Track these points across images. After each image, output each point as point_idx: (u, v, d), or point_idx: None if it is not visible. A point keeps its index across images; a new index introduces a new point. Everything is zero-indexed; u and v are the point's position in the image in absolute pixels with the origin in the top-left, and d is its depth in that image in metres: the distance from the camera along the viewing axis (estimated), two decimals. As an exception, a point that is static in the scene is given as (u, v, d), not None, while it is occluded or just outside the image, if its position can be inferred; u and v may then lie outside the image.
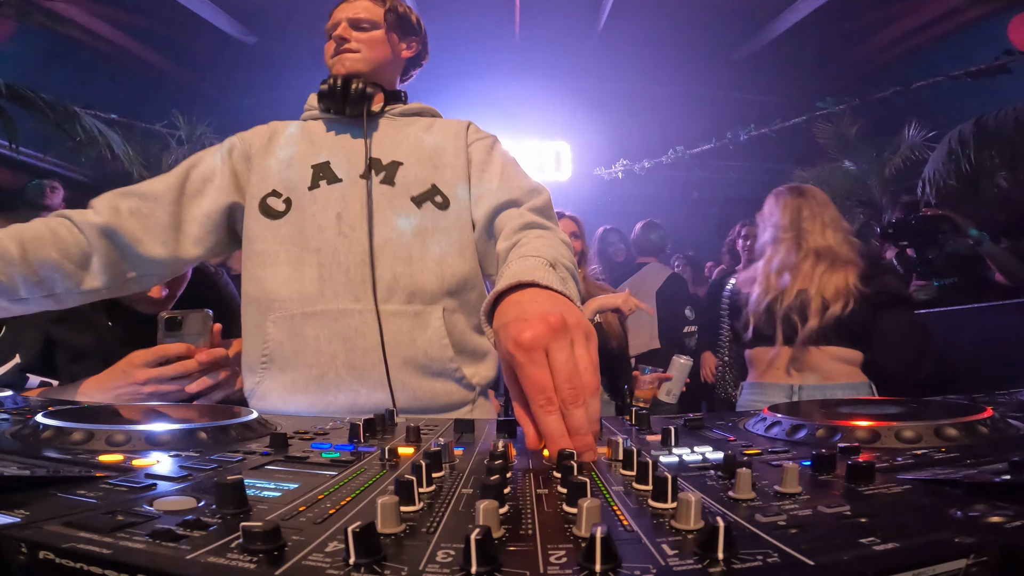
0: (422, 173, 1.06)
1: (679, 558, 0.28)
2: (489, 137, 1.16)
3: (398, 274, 0.98)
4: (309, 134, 1.11)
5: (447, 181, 1.06)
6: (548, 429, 0.52)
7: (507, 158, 1.13)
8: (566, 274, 0.79)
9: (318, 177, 1.04)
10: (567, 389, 0.53)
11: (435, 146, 1.10)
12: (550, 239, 0.93)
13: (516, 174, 1.10)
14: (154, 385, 0.95)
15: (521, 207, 1.03)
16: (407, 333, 0.97)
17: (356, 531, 0.27)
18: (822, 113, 5.34)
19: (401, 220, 1.02)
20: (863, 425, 0.53)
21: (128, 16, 5.20)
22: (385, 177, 1.04)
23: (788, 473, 0.38)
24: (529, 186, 1.07)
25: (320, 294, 0.97)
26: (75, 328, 1.16)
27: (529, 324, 0.55)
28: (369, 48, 1.11)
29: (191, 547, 0.29)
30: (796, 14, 5.50)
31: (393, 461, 0.50)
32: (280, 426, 0.69)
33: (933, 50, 5.36)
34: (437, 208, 1.04)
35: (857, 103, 5.19)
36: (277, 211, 1.03)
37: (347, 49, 1.09)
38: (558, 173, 6.72)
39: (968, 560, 0.27)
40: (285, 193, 1.04)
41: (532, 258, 0.79)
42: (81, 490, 0.38)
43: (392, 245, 1.00)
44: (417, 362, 0.97)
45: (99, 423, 0.56)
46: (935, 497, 0.35)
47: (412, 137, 1.10)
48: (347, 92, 1.07)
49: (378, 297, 0.96)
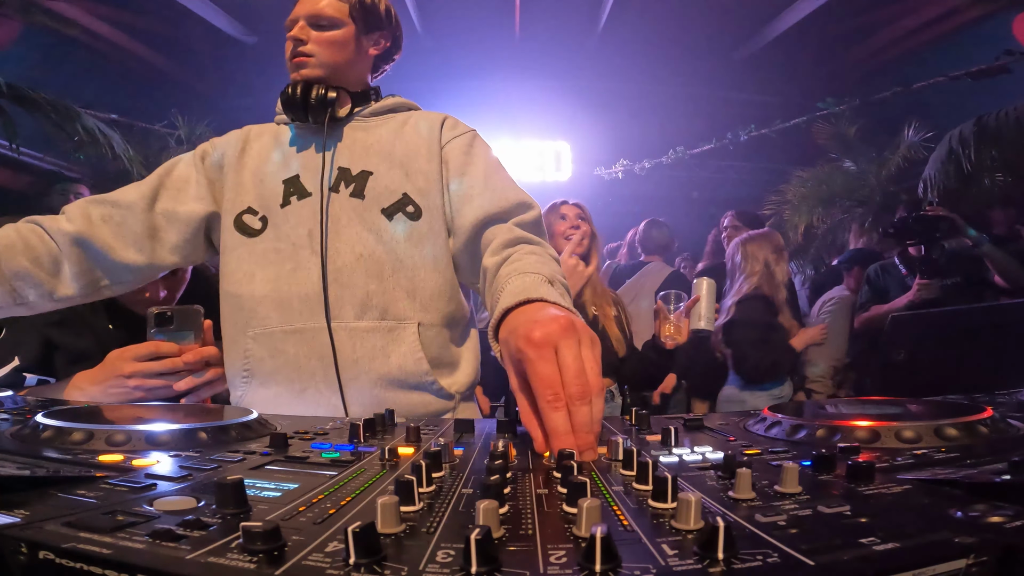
0: (393, 182, 1.01)
1: (679, 558, 0.28)
2: (466, 134, 1.08)
3: (371, 292, 0.97)
4: (281, 143, 1.07)
5: (419, 189, 1.01)
6: (553, 424, 0.53)
7: (489, 160, 1.07)
8: (563, 290, 0.82)
9: (289, 193, 1.01)
10: (575, 385, 0.54)
11: (406, 150, 1.04)
12: (542, 255, 0.92)
13: (502, 183, 1.04)
14: (139, 379, 0.95)
15: (508, 222, 0.99)
16: (381, 349, 0.96)
17: (356, 531, 0.27)
18: (822, 113, 5.33)
19: (371, 235, 0.99)
20: (863, 425, 0.53)
21: (128, 16, 5.21)
22: (355, 189, 1.01)
23: (788, 473, 0.38)
24: (517, 199, 1.02)
25: (298, 313, 0.97)
26: (74, 331, 1.16)
27: (540, 324, 0.59)
28: (327, 51, 1.03)
29: (191, 547, 0.29)
30: (796, 14, 5.50)
31: (393, 461, 0.50)
32: (280, 426, 0.69)
33: (933, 50, 5.36)
34: (409, 219, 1.00)
35: (857, 103, 5.19)
36: (254, 229, 1.01)
37: (301, 54, 1.02)
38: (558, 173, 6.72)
39: (968, 560, 0.27)
40: (261, 211, 1.01)
41: (531, 275, 0.79)
42: (81, 490, 0.38)
43: (364, 262, 0.97)
44: (392, 376, 0.96)
45: (99, 423, 0.56)
46: (935, 497, 0.35)
47: (383, 141, 1.05)
48: (307, 100, 1.01)
49: (350, 315, 0.96)
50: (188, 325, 1.00)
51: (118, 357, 0.97)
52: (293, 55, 1.03)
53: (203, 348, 1.00)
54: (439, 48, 5.70)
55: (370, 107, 1.08)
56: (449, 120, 1.09)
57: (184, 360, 0.97)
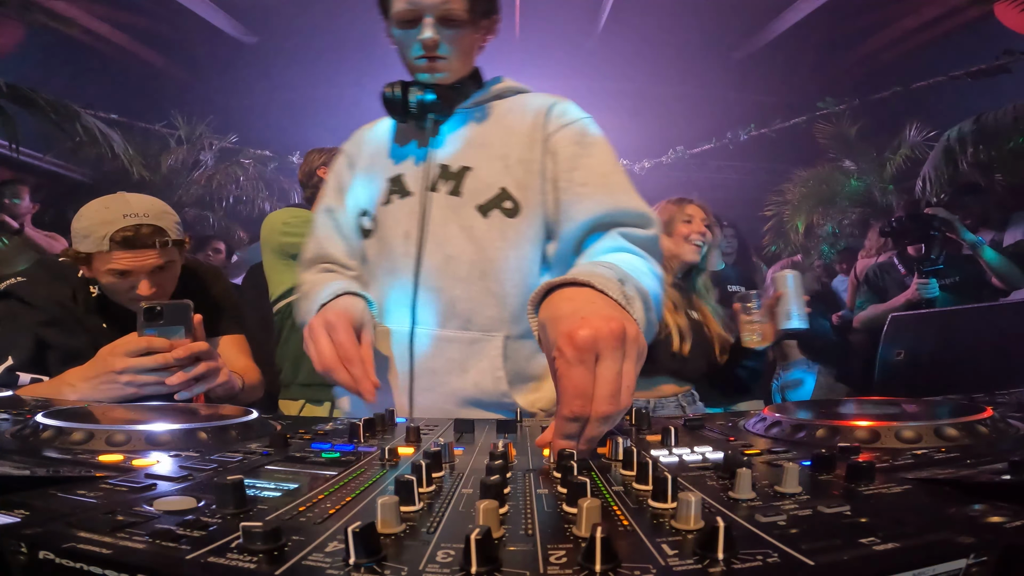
0: (491, 176, 0.93)
1: (679, 558, 0.28)
2: (578, 121, 0.96)
3: (456, 297, 0.91)
4: (387, 140, 1.04)
5: (519, 182, 0.92)
6: (565, 431, 0.50)
7: (606, 154, 0.94)
8: (634, 294, 0.68)
9: (391, 191, 0.98)
10: (606, 405, 0.49)
11: (507, 138, 0.95)
12: (639, 264, 0.80)
13: (620, 185, 0.91)
14: (130, 376, 0.95)
15: (621, 233, 0.86)
16: (459, 363, 0.90)
17: (356, 531, 0.27)
18: (822, 113, 5.34)
19: (463, 234, 0.92)
20: (863, 425, 0.53)
21: (128, 16, 5.20)
22: (453, 187, 0.94)
23: (788, 473, 0.38)
24: (637, 208, 0.89)
25: (389, 313, 0.96)
26: (66, 330, 1.16)
27: (588, 323, 0.51)
28: (459, 51, 0.94)
29: (191, 547, 0.29)
30: (796, 14, 5.50)
31: (393, 461, 0.50)
32: (280, 426, 0.69)
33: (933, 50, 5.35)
34: (505, 215, 0.92)
35: (857, 103, 5.20)
36: (367, 229, 1.01)
37: (437, 57, 0.92)
38: (558, 173, 6.71)
39: (968, 560, 0.27)
40: (371, 211, 1.00)
41: (603, 267, 0.70)
42: (81, 490, 0.38)
43: (453, 264, 0.91)
44: (466, 395, 0.90)
45: (99, 423, 0.56)
46: (935, 497, 0.35)
47: (485, 131, 0.97)
48: (407, 103, 0.95)
49: (434, 321, 0.92)
50: (178, 320, 1.00)
51: (109, 353, 0.96)
52: (425, 56, 0.92)
53: (194, 343, 1.00)
54: (439, 48, 5.71)
55: (473, 98, 1.00)
56: (559, 105, 0.98)
57: (174, 356, 0.97)
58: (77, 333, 1.16)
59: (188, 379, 0.99)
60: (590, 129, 0.96)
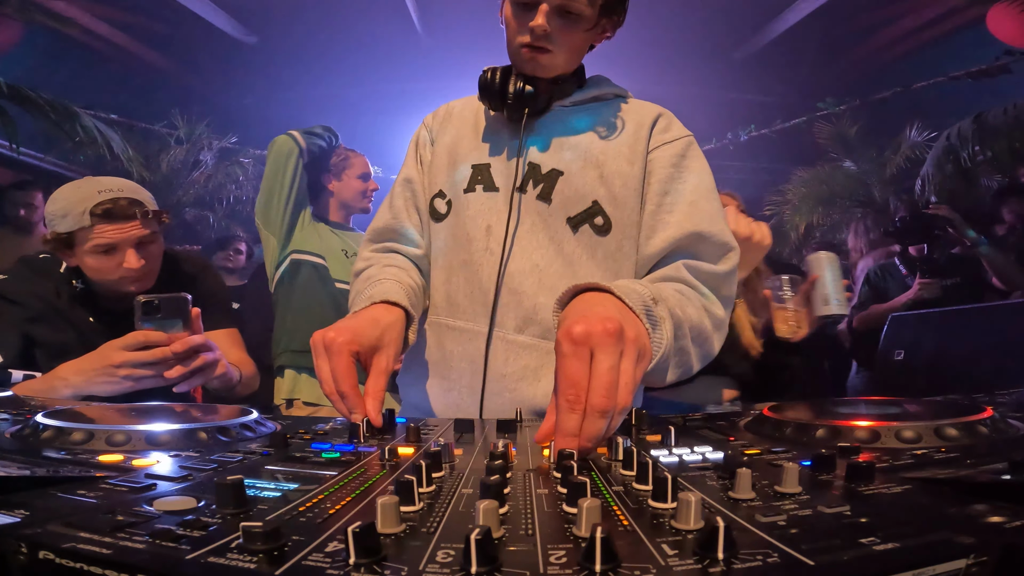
0: (585, 186, 0.89)
1: (679, 558, 0.28)
2: (680, 140, 0.92)
3: (538, 305, 0.88)
4: (477, 124, 0.99)
5: (614, 197, 0.89)
6: (563, 424, 0.50)
7: (702, 178, 0.91)
8: (665, 315, 0.68)
9: (475, 180, 0.94)
10: (599, 397, 0.50)
11: (605, 147, 0.91)
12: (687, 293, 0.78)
13: (710, 212, 0.87)
14: (128, 369, 0.95)
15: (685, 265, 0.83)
16: (533, 371, 0.88)
17: (356, 531, 0.27)
18: (822, 113, 5.33)
19: (552, 245, 0.90)
20: (863, 425, 0.53)
21: (128, 16, 5.20)
22: (542, 191, 0.91)
23: (788, 473, 0.38)
24: (719, 237, 0.86)
25: (462, 310, 0.92)
26: (53, 326, 1.16)
27: (586, 319, 0.53)
28: (568, 49, 0.90)
29: (191, 547, 0.29)
30: (796, 14, 5.49)
31: (393, 461, 0.50)
32: (280, 426, 0.69)
33: (933, 50, 5.35)
34: (596, 233, 0.89)
35: (857, 103, 5.19)
36: (440, 213, 0.97)
37: (543, 49, 0.88)
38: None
39: (968, 560, 0.27)
40: (448, 194, 0.96)
41: (639, 284, 0.70)
42: (81, 490, 0.38)
43: (539, 272, 0.89)
44: (535, 404, 0.88)
45: (99, 423, 0.56)
46: (935, 497, 0.35)
47: (581, 135, 0.93)
48: (505, 91, 0.91)
49: (512, 325, 0.89)
50: (176, 313, 1.00)
51: (107, 347, 0.97)
52: (531, 44, 0.87)
53: (192, 337, 1.00)
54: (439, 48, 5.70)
55: (572, 97, 0.96)
56: (664, 118, 0.95)
57: (172, 349, 0.96)
58: (63, 328, 1.16)
59: (186, 372, 0.99)
60: (691, 150, 0.93)
